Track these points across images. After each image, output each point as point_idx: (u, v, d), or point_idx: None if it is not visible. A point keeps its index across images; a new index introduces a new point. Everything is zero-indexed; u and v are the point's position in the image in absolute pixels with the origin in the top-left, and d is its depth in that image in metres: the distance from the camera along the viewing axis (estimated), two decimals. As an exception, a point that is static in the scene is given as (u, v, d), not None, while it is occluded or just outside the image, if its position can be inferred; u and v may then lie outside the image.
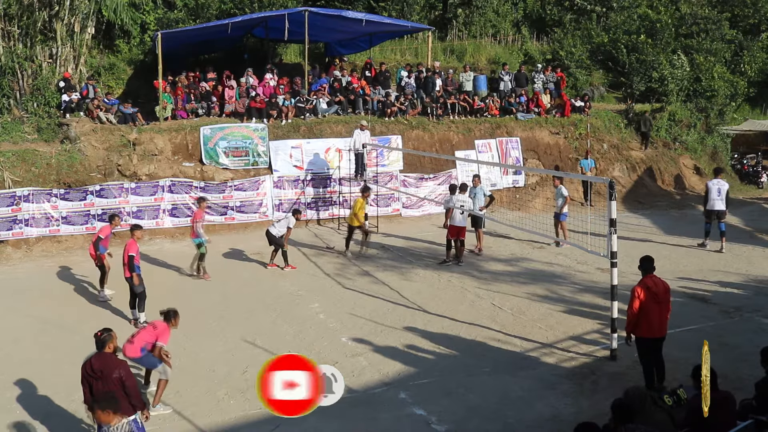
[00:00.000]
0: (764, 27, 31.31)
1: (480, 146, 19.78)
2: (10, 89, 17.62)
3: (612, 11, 29.33)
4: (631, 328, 7.59)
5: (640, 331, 7.53)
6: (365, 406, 7.66)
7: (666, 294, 7.60)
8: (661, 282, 7.64)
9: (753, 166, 25.11)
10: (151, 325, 7.79)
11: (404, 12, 24.61)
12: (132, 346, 7.54)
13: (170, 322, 7.80)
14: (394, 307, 11.09)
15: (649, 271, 7.68)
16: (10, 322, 10.52)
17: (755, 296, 11.43)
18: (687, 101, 24.90)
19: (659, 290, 7.52)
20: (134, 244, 10.15)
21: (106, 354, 6.08)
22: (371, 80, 20.74)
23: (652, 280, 7.59)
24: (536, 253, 14.69)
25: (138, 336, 7.67)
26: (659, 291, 7.51)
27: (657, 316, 7.49)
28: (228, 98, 18.69)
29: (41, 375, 8.49)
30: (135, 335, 7.73)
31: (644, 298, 7.42)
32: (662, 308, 7.54)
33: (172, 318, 7.82)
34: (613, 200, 8.45)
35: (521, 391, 7.93)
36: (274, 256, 13.52)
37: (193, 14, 21.74)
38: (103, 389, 5.89)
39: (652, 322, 7.46)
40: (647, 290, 7.47)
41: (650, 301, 7.44)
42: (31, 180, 15.11)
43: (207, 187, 16.57)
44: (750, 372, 6.99)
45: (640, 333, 7.55)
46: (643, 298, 7.42)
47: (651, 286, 7.51)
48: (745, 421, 5.68)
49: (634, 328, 7.56)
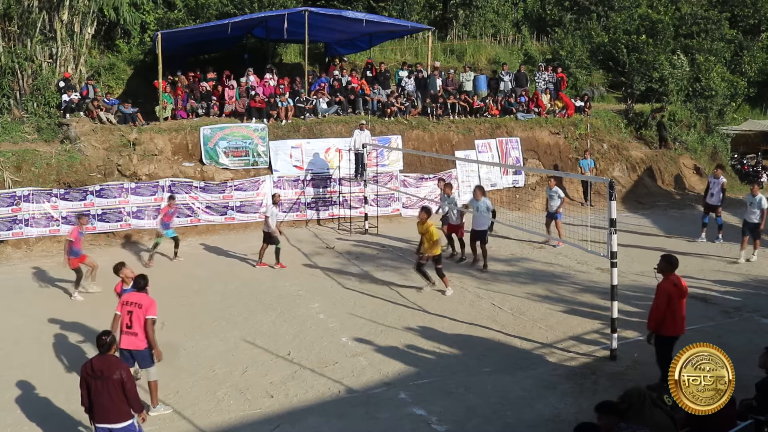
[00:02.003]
0: (764, 27, 31.34)
1: (480, 146, 19.78)
2: (10, 89, 17.62)
3: (612, 11, 29.35)
4: (655, 326, 7.64)
5: (666, 329, 7.58)
6: (365, 406, 7.66)
7: (686, 292, 7.77)
8: (681, 280, 7.77)
9: (753, 166, 25.12)
10: (136, 305, 7.43)
11: (404, 12, 24.62)
12: (137, 338, 7.34)
13: (145, 290, 7.65)
14: (394, 307, 11.09)
15: (673, 269, 7.77)
16: (10, 322, 10.52)
17: (755, 296, 11.43)
18: (687, 101, 24.90)
19: (683, 288, 7.66)
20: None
21: (108, 356, 6.03)
22: (371, 80, 20.74)
23: (676, 277, 7.71)
24: (536, 253, 14.69)
25: (135, 323, 7.34)
26: (683, 289, 7.66)
27: (681, 313, 7.63)
28: (228, 98, 18.69)
29: (41, 375, 8.49)
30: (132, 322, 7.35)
31: (673, 295, 7.54)
32: (684, 306, 7.70)
33: (146, 285, 7.67)
34: (613, 200, 8.45)
35: (521, 391, 7.93)
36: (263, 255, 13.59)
37: (193, 14, 21.75)
38: (102, 389, 5.86)
39: (677, 320, 7.58)
40: (675, 288, 7.57)
41: (676, 297, 7.57)
42: (31, 180, 15.11)
43: (207, 187, 16.58)
44: (750, 372, 6.98)
45: (666, 331, 7.59)
46: (672, 293, 7.54)
47: (677, 283, 7.63)
48: (745, 421, 5.68)
49: (658, 326, 7.61)
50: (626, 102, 24.75)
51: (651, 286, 11.94)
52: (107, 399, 5.88)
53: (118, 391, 5.87)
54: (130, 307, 7.44)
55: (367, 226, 16.73)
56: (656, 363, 7.74)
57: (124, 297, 7.70)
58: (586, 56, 26.85)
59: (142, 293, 7.60)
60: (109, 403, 5.88)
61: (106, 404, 5.89)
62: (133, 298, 7.55)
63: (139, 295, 7.58)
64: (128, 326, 7.40)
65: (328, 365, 8.78)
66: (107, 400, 5.88)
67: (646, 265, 13.38)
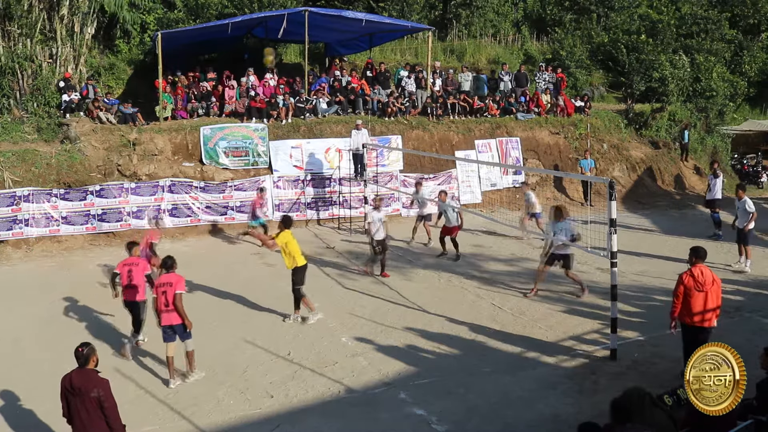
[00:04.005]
0: (764, 27, 31.32)
1: (480, 146, 19.78)
2: (10, 89, 17.63)
3: (612, 11, 29.34)
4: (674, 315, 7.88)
5: (682, 317, 7.84)
6: (365, 406, 7.66)
7: (713, 285, 7.79)
8: (709, 273, 7.83)
9: (753, 166, 25.11)
10: (168, 284, 8.18)
11: (404, 12, 24.61)
12: (174, 315, 8.14)
13: (173, 269, 8.35)
14: (394, 307, 11.09)
15: (699, 261, 7.87)
16: (10, 322, 10.51)
17: (755, 296, 11.43)
18: (687, 101, 24.89)
19: (705, 280, 7.73)
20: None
21: (87, 370, 5.76)
22: (371, 80, 20.74)
23: (699, 269, 7.80)
24: (536, 253, 14.64)
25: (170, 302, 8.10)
26: (705, 281, 7.72)
27: (700, 304, 7.70)
28: (228, 98, 18.70)
29: (41, 375, 8.48)
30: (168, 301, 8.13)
31: (688, 285, 7.71)
32: (707, 298, 7.73)
33: (173, 264, 8.39)
34: (613, 200, 8.46)
35: (521, 391, 7.93)
36: (385, 263, 13.07)
37: (193, 14, 21.74)
38: (80, 407, 5.63)
39: (693, 310, 7.71)
40: (693, 278, 7.73)
41: (693, 289, 7.70)
42: (31, 180, 15.11)
43: (207, 187, 16.58)
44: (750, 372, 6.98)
45: (682, 319, 7.85)
46: (687, 284, 7.71)
47: (697, 275, 7.74)
48: (745, 421, 5.67)
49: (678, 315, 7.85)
50: (626, 102, 24.75)
51: (651, 286, 12.03)
52: (86, 416, 5.65)
53: (96, 409, 5.63)
54: (164, 288, 8.20)
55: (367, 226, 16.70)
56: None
57: (157, 280, 8.52)
58: (586, 56, 26.85)
59: (171, 273, 8.33)
60: (87, 420, 5.65)
61: (84, 421, 5.66)
62: (164, 279, 8.31)
63: (168, 275, 8.32)
64: (165, 305, 8.18)
65: (328, 365, 8.78)
66: (86, 417, 5.65)
67: (646, 265, 13.42)
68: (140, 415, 7.40)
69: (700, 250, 7.97)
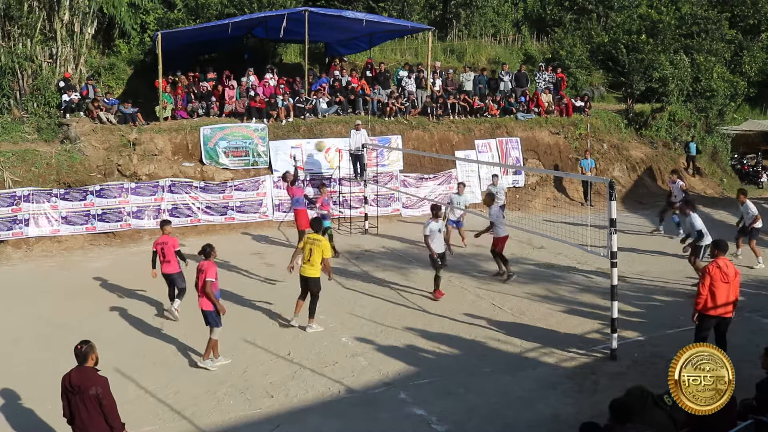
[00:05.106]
0: (764, 27, 31.34)
1: (480, 146, 19.78)
2: (10, 89, 17.62)
3: (612, 11, 29.34)
4: (701, 307, 7.98)
5: (705, 308, 7.95)
6: (365, 406, 7.66)
7: (736, 277, 8.01)
8: (732, 265, 8.02)
9: (753, 166, 25.13)
10: (201, 271, 8.60)
11: (404, 12, 24.61)
12: (204, 299, 8.57)
13: (210, 257, 8.75)
14: (394, 307, 11.09)
15: (721, 253, 8.07)
16: (10, 322, 10.51)
17: (755, 296, 11.43)
18: (687, 101, 24.90)
19: (729, 272, 7.92)
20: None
21: (86, 368, 5.74)
22: (371, 80, 20.74)
23: (724, 261, 7.99)
24: (536, 253, 14.68)
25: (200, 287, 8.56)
26: (729, 272, 7.91)
27: (724, 295, 7.88)
28: (228, 98, 18.69)
29: (41, 375, 8.48)
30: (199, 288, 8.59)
31: (714, 276, 7.89)
32: (730, 289, 7.93)
33: (210, 252, 8.80)
34: (613, 200, 8.46)
35: (521, 391, 7.93)
36: (438, 283, 11.70)
37: (193, 14, 21.74)
38: (80, 405, 5.62)
39: (718, 301, 7.87)
40: (719, 269, 7.90)
41: (720, 280, 7.88)
42: (31, 180, 15.10)
43: (207, 187, 16.57)
44: (750, 372, 6.99)
45: (705, 310, 7.96)
46: (714, 275, 7.89)
47: (722, 266, 7.92)
48: (745, 421, 5.68)
49: (703, 306, 7.96)
50: (626, 102, 24.75)
51: (651, 286, 12.04)
52: (85, 415, 5.65)
53: (95, 407, 5.62)
54: (198, 274, 8.68)
55: (367, 226, 16.73)
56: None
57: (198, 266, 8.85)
58: (586, 56, 26.84)
59: (206, 261, 8.70)
60: (87, 419, 5.65)
61: (84, 420, 5.66)
62: (200, 266, 8.74)
63: (203, 262, 8.73)
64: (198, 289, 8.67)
65: (328, 365, 8.78)
66: (85, 416, 5.65)
67: (646, 266, 13.42)
68: (140, 415, 7.40)
69: (722, 243, 8.20)
